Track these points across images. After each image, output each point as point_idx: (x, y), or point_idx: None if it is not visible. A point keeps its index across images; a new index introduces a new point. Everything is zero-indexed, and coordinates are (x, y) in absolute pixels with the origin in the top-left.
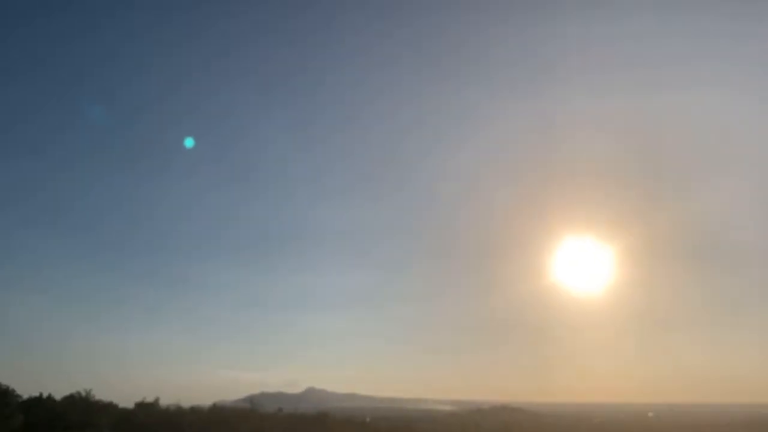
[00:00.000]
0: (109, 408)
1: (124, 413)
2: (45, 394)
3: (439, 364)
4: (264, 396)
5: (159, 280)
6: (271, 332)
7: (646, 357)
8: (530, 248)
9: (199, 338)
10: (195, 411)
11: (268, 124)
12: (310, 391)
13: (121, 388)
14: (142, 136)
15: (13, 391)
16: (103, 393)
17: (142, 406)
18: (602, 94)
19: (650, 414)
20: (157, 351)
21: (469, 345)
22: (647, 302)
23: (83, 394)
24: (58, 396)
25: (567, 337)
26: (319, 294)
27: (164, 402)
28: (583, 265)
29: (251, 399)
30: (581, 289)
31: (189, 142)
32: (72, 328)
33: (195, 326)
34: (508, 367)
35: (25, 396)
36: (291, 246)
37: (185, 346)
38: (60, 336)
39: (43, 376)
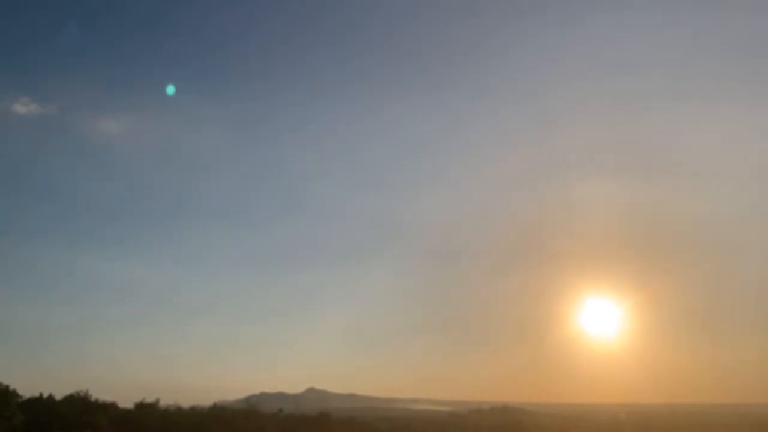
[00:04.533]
0: (109, 408)
1: (124, 413)
2: (45, 394)
3: (438, 364)
4: (264, 396)
5: (158, 279)
6: (271, 332)
7: (646, 357)
8: (532, 252)
9: (200, 338)
10: (195, 411)
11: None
12: (310, 391)
13: (121, 388)
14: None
15: (14, 391)
16: (103, 393)
17: (141, 406)
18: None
19: (650, 415)
20: (157, 351)
21: (470, 345)
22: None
23: (83, 394)
24: (58, 396)
25: (568, 338)
26: (319, 293)
27: (164, 402)
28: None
29: (251, 399)
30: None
31: (170, 90)
32: (72, 327)
33: (195, 326)
34: (509, 367)
35: (25, 396)
36: (291, 246)
37: (185, 345)
38: (60, 336)
39: (43, 376)
